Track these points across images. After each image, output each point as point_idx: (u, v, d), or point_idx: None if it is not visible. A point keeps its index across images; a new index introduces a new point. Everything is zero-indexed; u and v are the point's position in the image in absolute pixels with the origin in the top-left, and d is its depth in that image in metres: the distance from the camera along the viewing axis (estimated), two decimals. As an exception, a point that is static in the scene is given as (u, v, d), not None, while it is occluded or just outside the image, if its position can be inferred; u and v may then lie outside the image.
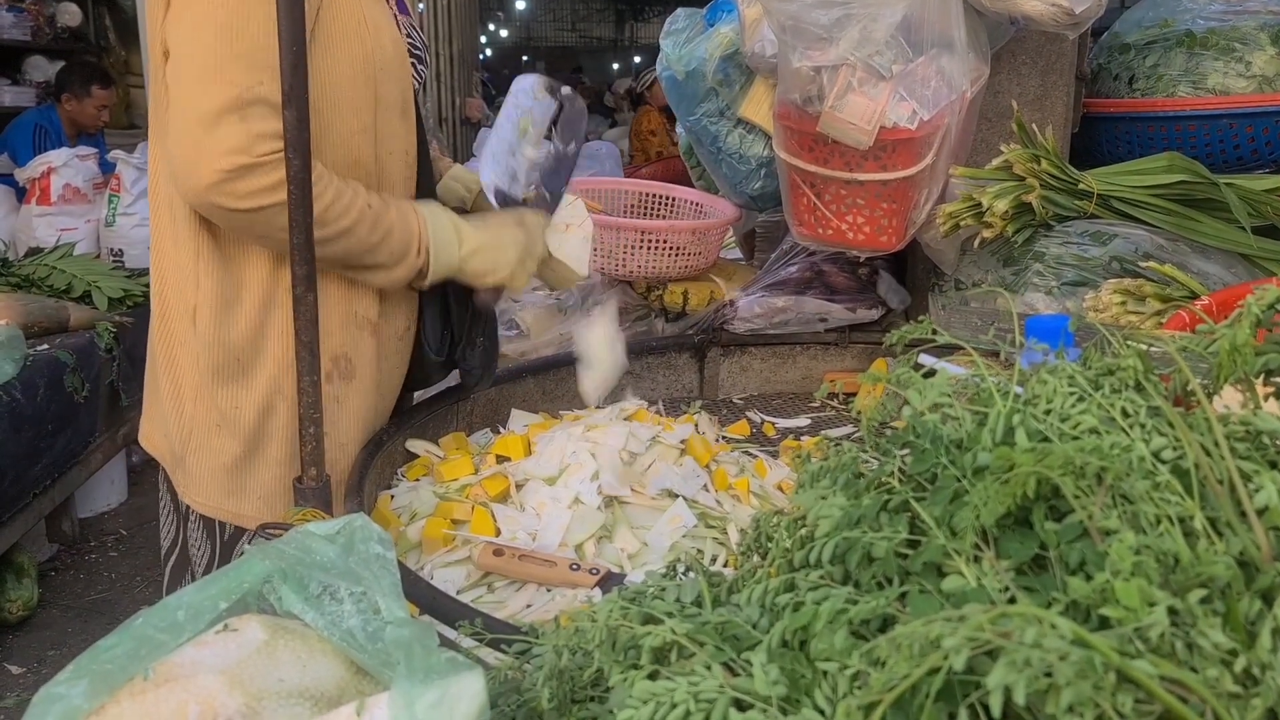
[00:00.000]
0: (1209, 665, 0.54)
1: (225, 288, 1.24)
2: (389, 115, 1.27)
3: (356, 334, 1.31)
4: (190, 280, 1.24)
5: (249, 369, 1.26)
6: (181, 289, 1.25)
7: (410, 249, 1.27)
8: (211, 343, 1.25)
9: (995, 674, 0.48)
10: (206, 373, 1.26)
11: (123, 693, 0.71)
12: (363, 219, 1.20)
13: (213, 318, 1.24)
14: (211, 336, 1.25)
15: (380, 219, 1.23)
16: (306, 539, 0.82)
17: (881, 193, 1.57)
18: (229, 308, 1.25)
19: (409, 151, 1.31)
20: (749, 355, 1.96)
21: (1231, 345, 0.71)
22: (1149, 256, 1.50)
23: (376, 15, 1.25)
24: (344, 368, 1.31)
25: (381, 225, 1.23)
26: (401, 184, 1.30)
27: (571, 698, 0.75)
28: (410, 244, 1.26)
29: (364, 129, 1.24)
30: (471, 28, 11.99)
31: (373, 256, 1.24)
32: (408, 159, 1.31)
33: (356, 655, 0.77)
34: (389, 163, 1.28)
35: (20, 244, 4.14)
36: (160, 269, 1.27)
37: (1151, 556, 0.57)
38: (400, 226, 1.25)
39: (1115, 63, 2.01)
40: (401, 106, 1.29)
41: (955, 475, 0.65)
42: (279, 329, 1.24)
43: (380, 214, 1.23)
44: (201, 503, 1.30)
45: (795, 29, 1.52)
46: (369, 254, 1.23)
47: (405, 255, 1.26)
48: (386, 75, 1.25)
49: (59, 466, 2.96)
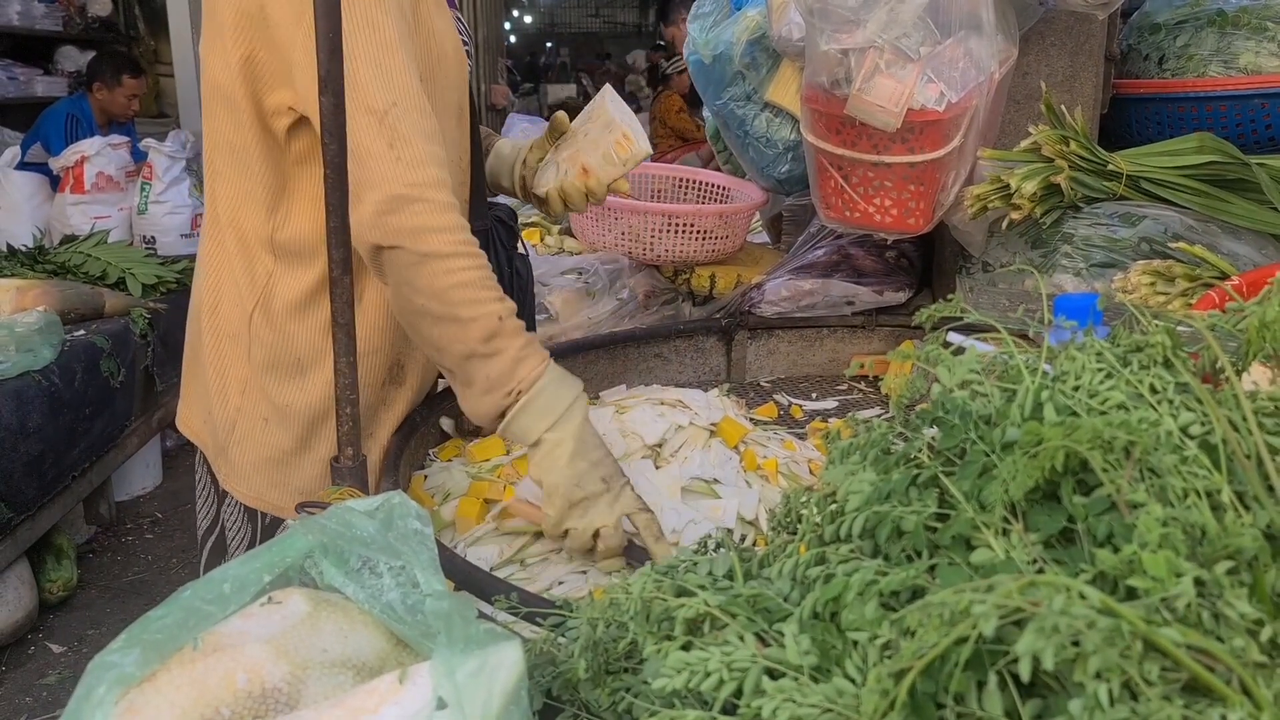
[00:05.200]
0: (1236, 635, 0.55)
1: (296, 293, 1.26)
2: (447, 121, 1.25)
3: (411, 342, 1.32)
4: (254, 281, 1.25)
5: (309, 369, 1.28)
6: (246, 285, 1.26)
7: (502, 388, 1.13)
8: (272, 341, 1.26)
9: (1024, 640, 0.49)
10: (261, 367, 1.27)
11: (173, 661, 0.73)
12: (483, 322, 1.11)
13: (278, 318, 1.26)
14: (273, 335, 1.26)
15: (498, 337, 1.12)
16: (347, 514, 0.84)
17: (909, 175, 1.57)
18: (298, 310, 1.26)
19: (463, 158, 1.31)
20: (776, 338, 1.96)
21: (1261, 322, 0.72)
22: (1178, 238, 1.50)
23: (441, 22, 1.24)
24: (397, 374, 1.34)
25: (495, 343, 1.12)
26: (457, 187, 1.29)
27: (606, 669, 0.77)
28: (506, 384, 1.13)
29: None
30: (496, 15, 11.99)
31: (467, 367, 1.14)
32: (461, 164, 1.31)
33: (396, 627, 0.79)
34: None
35: (55, 232, 4.20)
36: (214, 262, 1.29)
37: (1179, 529, 0.58)
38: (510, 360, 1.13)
39: (1145, 43, 1.99)
40: (458, 112, 1.29)
41: (984, 450, 0.66)
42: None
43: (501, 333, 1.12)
44: (243, 492, 1.32)
45: (823, 11, 1.52)
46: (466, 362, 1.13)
47: (495, 389, 1.13)
48: (447, 81, 1.25)
49: (96, 450, 3.01)
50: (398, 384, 1.34)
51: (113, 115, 5.18)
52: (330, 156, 1.03)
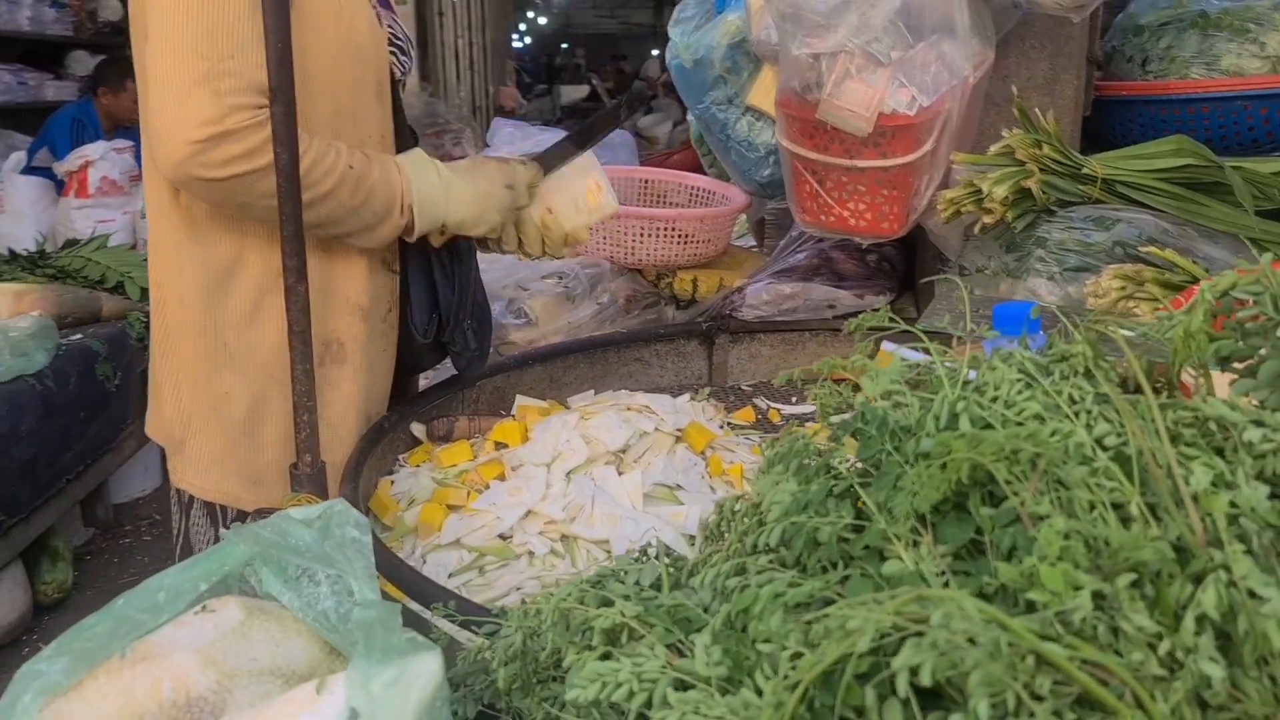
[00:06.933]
0: (1134, 649, 0.55)
1: (211, 275, 1.27)
2: (366, 97, 1.29)
3: (347, 319, 1.34)
4: (175, 268, 1.27)
5: (239, 355, 1.29)
6: (171, 277, 1.28)
7: (394, 207, 1.27)
8: (201, 329, 1.28)
9: (902, 655, 0.49)
10: (199, 359, 1.29)
11: (100, 670, 0.74)
12: (344, 181, 1.21)
13: (201, 304, 1.28)
14: (201, 323, 1.28)
15: (363, 180, 1.23)
16: (284, 524, 0.84)
17: (882, 179, 1.57)
18: (216, 294, 1.28)
19: (385, 135, 1.33)
20: (758, 342, 1.96)
21: (1185, 331, 0.71)
22: (1153, 241, 1.49)
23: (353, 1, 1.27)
24: (336, 351, 1.34)
25: (364, 186, 1.23)
26: None
27: (536, 677, 0.77)
28: (394, 202, 1.27)
29: (344, 110, 1.27)
30: (505, 16, 12.01)
31: (356, 219, 1.24)
32: (384, 143, 1.33)
33: (329, 635, 0.80)
34: (365, 146, 1.29)
35: (59, 236, 4.22)
36: (154, 258, 1.31)
37: (1080, 542, 0.58)
38: (383, 185, 1.25)
39: (1129, 45, 1.98)
40: (377, 89, 1.31)
41: (898, 461, 0.66)
42: (268, 314, 1.26)
43: (363, 174, 1.23)
44: (201, 486, 1.34)
45: (794, 16, 1.52)
46: (352, 216, 1.24)
47: (389, 214, 1.27)
48: (362, 56, 1.27)
49: (92, 453, 3.03)
50: (338, 361, 1.34)
51: (118, 120, 5.21)
52: (282, 165, 1.04)
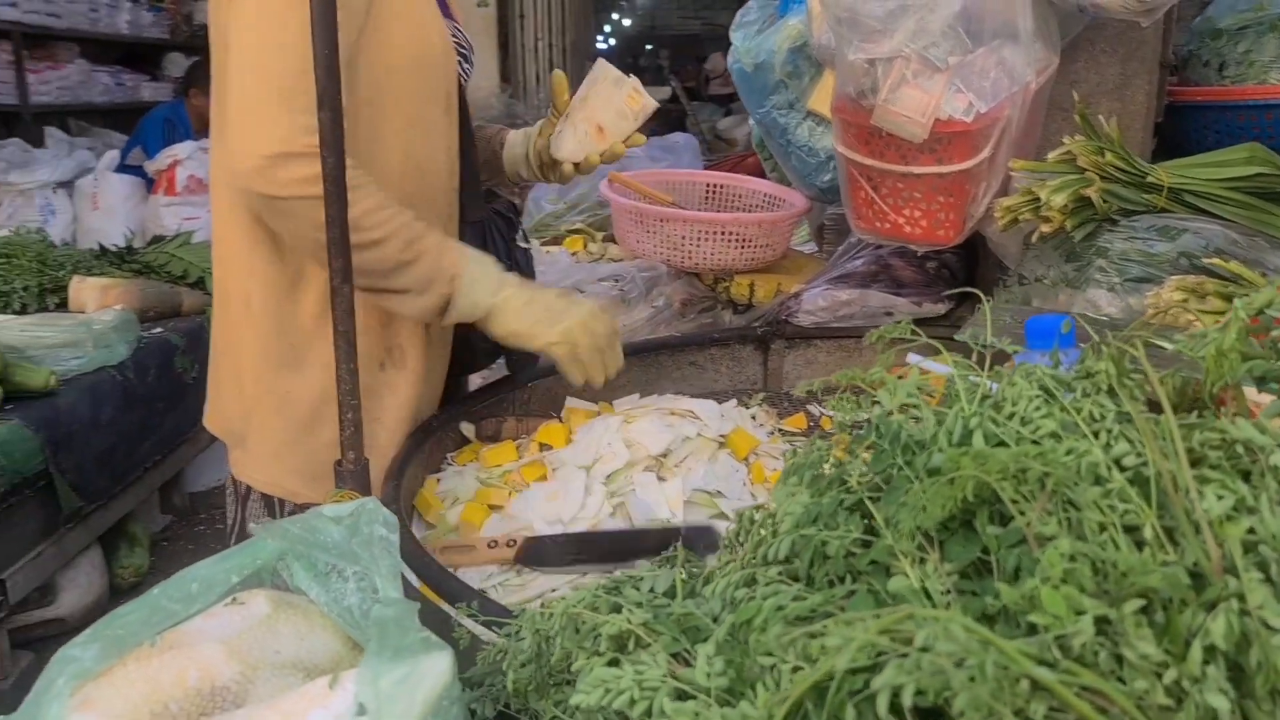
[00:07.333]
0: (1139, 677, 0.53)
1: (282, 277, 1.31)
2: (434, 108, 1.31)
3: (410, 325, 1.36)
4: (245, 268, 1.30)
5: (305, 356, 1.32)
6: (239, 277, 1.32)
7: (438, 279, 1.24)
8: (268, 330, 1.31)
9: (884, 675, 0.49)
10: (263, 357, 1.33)
11: (130, 657, 0.76)
12: (396, 235, 1.19)
13: (269, 305, 1.31)
14: (268, 324, 1.31)
15: (416, 242, 1.21)
16: (314, 520, 0.86)
17: (938, 186, 1.54)
18: (286, 296, 1.31)
19: (451, 147, 1.35)
20: (814, 348, 1.94)
21: (1218, 349, 0.69)
22: (1220, 252, 1.44)
23: (423, 9, 1.29)
24: (397, 357, 1.37)
25: (415, 247, 1.21)
26: (445, 176, 1.34)
27: (551, 680, 0.77)
28: (439, 275, 1.24)
29: (414, 121, 1.29)
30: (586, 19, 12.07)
31: (399, 277, 1.22)
32: (450, 154, 1.35)
33: (352, 631, 0.81)
34: (433, 156, 1.32)
35: (148, 232, 4.38)
36: (220, 256, 1.35)
37: (1087, 564, 0.56)
38: (434, 255, 1.23)
39: (1206, 49, 1.92)
40: (445, 100, 1.33)
41: (909, 476, 0.65)
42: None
43: (418, 237, 1.22)
44: (261, 480, 1.38)
45: (851, 21, 1.50)
46: (396, 273, 1.21)
47: (431, 284, 1.24)
48: (433, 67, 1.30)
49: (169, 443, 3.13)
50: (398, 367, 1.36)
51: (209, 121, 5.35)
52: (328, 169, 1.06)
